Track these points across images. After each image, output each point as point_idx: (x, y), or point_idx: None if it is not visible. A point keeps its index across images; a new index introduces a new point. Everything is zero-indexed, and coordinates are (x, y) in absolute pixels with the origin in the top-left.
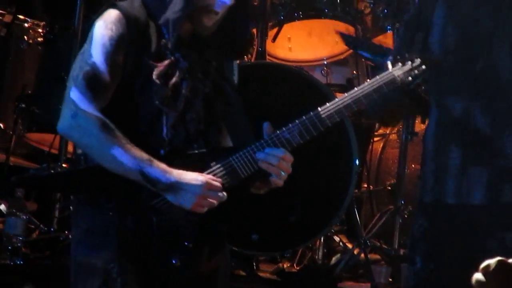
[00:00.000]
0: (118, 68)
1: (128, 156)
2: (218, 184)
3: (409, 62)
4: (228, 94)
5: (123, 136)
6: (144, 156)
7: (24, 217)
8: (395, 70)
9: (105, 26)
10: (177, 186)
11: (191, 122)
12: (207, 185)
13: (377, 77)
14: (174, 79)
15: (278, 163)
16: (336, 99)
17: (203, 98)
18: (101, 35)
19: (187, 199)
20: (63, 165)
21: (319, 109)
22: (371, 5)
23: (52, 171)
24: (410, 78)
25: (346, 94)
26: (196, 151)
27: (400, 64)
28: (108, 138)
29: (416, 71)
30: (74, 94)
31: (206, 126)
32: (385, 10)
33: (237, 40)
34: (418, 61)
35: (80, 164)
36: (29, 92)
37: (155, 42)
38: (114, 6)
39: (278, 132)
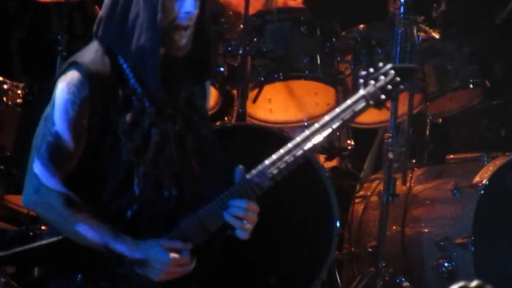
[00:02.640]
0: (83, 133)
1: (92, 231)
2: (184, 259)
3: (382, 77)
4: (198, 128)
5: (88, 209)
6: (109, 229)
7: (2, 279)
8: (367, 89)
9: (67, 90)
10: (143, 263)
11: (164, 166)
12: (173, 263)
13: (349, 101)
14: (141, 128)
15: (245, 214)
16: (303, 134)
17: (175, 138)
18: (63, 100)
19: (154, 273)
20: (42, 227)
21: (289, 145)
22: (352, 67)
23: (19, 248)
24: (383, 96)
25: (315, 124)
26: (164, 210)
27: (372, 81)
28: (72, 213)
29: (390, 85)
30: (37, 167)
31: (180, 167)
32: (365, 72)
33: (205, 59)
34: (391, 72)
35: (49, 233)
36: (8, 153)
37: (121, 91)
38: (76, 65)
39: (247, 177)
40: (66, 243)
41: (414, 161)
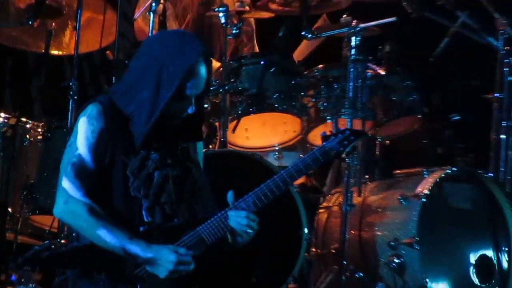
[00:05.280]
0: (101, 157)
1: (111, 235)
2: (188, 259)
3: (340, 135)
4: (193, 174)
5: (108, 217)
6: (126, 234)
7: (32, 285)
8: (328, 143)
9: (88, 121)
10: (153, 261)
11: (165, 204)
12: (178, 263)
13: (314, 150)
14: (146, 171)
15: (248, 222)
16: (281, 172)
17: (174, 181)
18: (84, 129)
19: (161, 271)
20: (62, 241)
21: (268, 181)
22: (314, 100)
23: (50, 251)
24: (341, 149)
25: (289, 167)
26: (169, 225)
27: (332, 137)
28: (95, 221)
29: (346, 142)
30: (65, 183)
31: (177, 205)
32: (325, 104)
33: (197, 126)
34: (347, 132)
35: (72, 241)
36: (32, 181)
37: (129, 138)
38: (95, 101)
39: (235, 203)
40: (90, 247)
41: (367, 176)
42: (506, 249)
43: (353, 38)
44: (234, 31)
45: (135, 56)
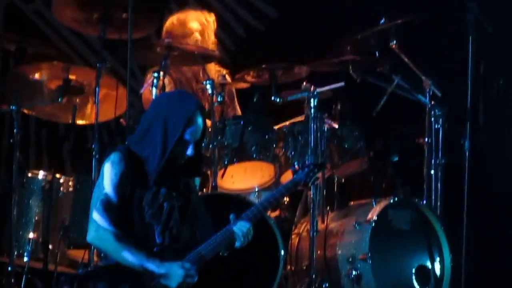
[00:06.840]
0: (123, 194)
1: (133, 256)
2: (192, 273)
3: (306, 169)
4: (194, 203)
5: (130, 242)
6: (144, 254)
7: None
8: (298, 175)
9: (111, 166)
10: (166, 275)
11: (172, 228)
12: (185, 276)
13: (288, 181)
14: (157, 203)
15: (247, 232)
16: (262, 200)
17: (179, 210)
18: (109, 173)
19: (172, 283)
20: None
21: (252, 208)
22: (283, 150)
23: (84, 270)
24: (308, 180)
25: (269, 195)
26: (176, 246)
27: (301, 170)
28: (119, 245)
29: (311, 174)
30: (96, 216)
31: (182, 227)
32: (292, 152)
33: (196, 166)
34: (312, 166)
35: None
36: (67, 223)
37: (144, 176)
38: (116, 150)
39: (228, 226)
40: (117, 266)
41: (328, 207)
42: (439, 259)
43: (312, 100)
44: (219, 99)
45: (145, 113)
